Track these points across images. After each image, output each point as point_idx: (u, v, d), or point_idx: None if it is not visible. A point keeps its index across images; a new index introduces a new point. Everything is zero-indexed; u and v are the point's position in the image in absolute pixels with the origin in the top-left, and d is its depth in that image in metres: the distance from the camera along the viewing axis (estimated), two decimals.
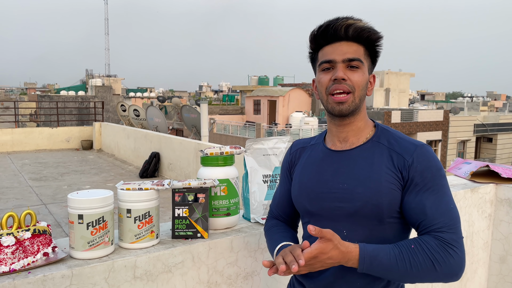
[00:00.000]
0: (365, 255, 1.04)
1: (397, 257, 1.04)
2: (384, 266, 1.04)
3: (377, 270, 1.05)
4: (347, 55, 1.14)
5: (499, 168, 2.44)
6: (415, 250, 1.05)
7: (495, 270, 2.41)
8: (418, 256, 1.04)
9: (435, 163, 1.13)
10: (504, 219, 2.35)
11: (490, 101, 58.62)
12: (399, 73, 36.25)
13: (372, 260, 1.04)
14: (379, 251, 1.05)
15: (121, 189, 1.40)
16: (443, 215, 1.08)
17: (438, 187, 1.11)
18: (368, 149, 1.18)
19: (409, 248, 1.05)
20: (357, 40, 1.15)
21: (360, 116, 1.21)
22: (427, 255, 1.04)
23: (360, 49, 1.16)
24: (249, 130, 25.88)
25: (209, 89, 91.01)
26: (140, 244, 1.38)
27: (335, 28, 1.14)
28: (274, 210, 1.40)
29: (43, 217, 5.84)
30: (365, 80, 1.17)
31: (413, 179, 1.12)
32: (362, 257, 1.04)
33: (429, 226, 1.08)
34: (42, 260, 1.22)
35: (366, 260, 1.04)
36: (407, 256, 1.04)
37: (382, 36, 1.17)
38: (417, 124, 24.48)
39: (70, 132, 12.70)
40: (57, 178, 8.53)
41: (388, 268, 1.05)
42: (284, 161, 1.39)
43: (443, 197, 1.11)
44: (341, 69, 1.15)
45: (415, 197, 1.11)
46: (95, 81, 38.55)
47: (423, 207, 1.09)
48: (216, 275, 1.50)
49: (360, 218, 1.14)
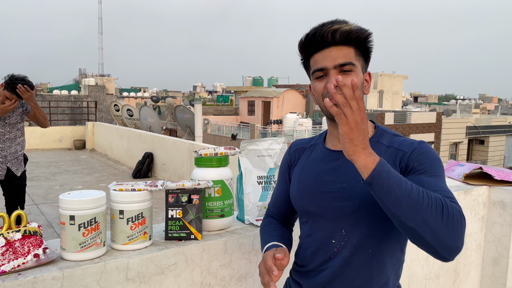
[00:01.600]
0: (385, 162, 0.97)
1: (412, 185, 0.95)
2: (399, 182, 0.94)
3: (390, 184, 0.93)
4: (338, 60, 1.14)
5: (492, 171, 2.46)
6: (430, 193, 0.96)
7: (488, 272, 2.42)
8: (429, 193, 0.95)
9: (433, 154, 1.13)
10: (497, 221, 2.36)
11: (482, 104, 59.13)
12: (393, 75, 36.44)
13: (390, 169, 0.95)
14: (396, 172, 0.97)
15: (114, 189, 1.39)
16: (443, 191, 1.02)
17: (436, 173, 1.08)
18: None
19: (422, 188, 0.97)
20: (346, 43, 1.15)
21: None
22: (437, 197, 0.95)
23: (350, 51, 1.15)
24: (243, 131, 25.87)
25: (203, 89, 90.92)
26: (132, 246, 1.36)
27: (321, 35, 1.13)
28: (270, 209, 1.43)
29: (35, 217, 5.78)
30: (359, 81, 1.17)
31: (411, 166, 1.10)
32: (383, 161, 0.96)
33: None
34: (32, 262, 1.20)
35: (385, 166, 0.95)
36: (421, 189, 0.95)
37: (370, 33, 1.16)
38: (410, 126, 24.62)
39: (62, 131, 12.60)
40: (49, 178, 8.46)
41: (400, 186, 0.93)
42: (283, 161, 1.39)
43: (441, 182, 1.07)
44: (334, 76, 1.14)
45: (412, 177, 1.07)
46: (88, 81, 38.34)
47: (420, 183, 1.03)
48: (209, 277, 1.48)
49: (359, 217, 1.14)
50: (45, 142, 12.24)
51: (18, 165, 3.72)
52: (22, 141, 3.78)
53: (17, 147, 3.70)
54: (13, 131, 3.65)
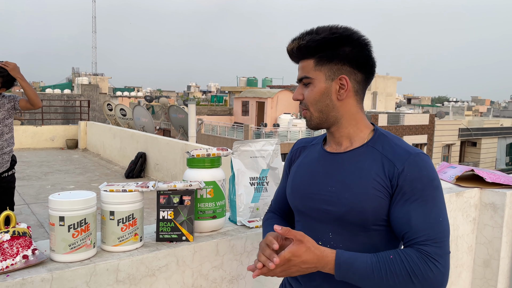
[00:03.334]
0: (340, 261, 1.03)
1: (373, 266, 1.02)
2: (360, 274, 1.02)
3: (353, 278, 1.03)
4: (299, 75, 1.21)
5: (483, 173, 2.47)
6: (393, 261, 1.02)
7: (479, 274, 2.44)
8: (395, 267, 1.01)
9: (427, 173, 1.08)
10: (488, 223, 2.38)
11: (474, 106, 59.61)
12: (386, 76, 36.63)
13: (348, 267, 1.03)
14: (355, 259, 1.03)
15: (105, 190, 1.37)
16: (429, 228, 1.04)
17: (428, 198, 1.06)
18: (361, 154, 1.16)
19: (388, 258, 1.03)
20: (308, 56, 1.18)
21: (344, 124, 1.19)
22: (405, 266, 1.01)
23: (309, 64, 1.18)
24: (237, 131, 25.85)
25: (198, 89, 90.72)
26: (123, 247, 1.35)
27: (289, 52, 1.21)
28: (273, 205, 1.44)
29: (26, 217, 5.73)
30: (316, 92, 1.17)
31: (402, 188, 1.07)
32: (338, 263, 1.03)
33: (413, 238, 1.05)
34: (21, 263, 1.19)
35: (342, 266, 1.03)
36: (384, 266, 1.02)
37: (327, 36, 1.13)
38: (403, 128, 24.75)
39: (55, 130, 12.49)
40: (41, 177, 8.39)
41: (364, 277, 1.02)
42: (287, 158, 1.40)
43: (433, 209, 1.06)
44: (297, 90, 1.23)
45: (401, 207, 1.07)
46: (81, 80, 38.10)
47: (408, 219, 1.06)
48: (200, 278, 1.47)
49: (345, 223, 1.13)
50: (37, 141, 12.13)
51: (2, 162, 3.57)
52: (9, 137, 3.68)
53: (3, 143, 3.61)
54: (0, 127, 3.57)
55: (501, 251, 2.33)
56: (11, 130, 3.70)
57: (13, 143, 3.74)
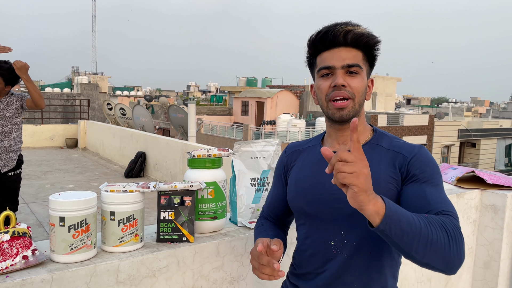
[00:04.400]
0: (390, 203, 0.94)
1: (413, 216, 0.95)
2: (408, 223, 0.93)
3: (400, 225, 0.92)
4: (346, 61, 1.14)
5: (484, 174, 2.47)
6: (428, 217, 0.98)
7: (479, 275, 2.43)
8: (432, 220, 0.97)
9: (433, 161, 1.15)
10: (488, 225, 2.37)
11: (474, 107, 59.66)
12: (386, 77, 36.63)
13: (396, 208, 0.94)
14: (398, 207, 0.95)
15: (105, 191, 1.37)
16: (445, 204, 1.06)
17: (437, 183, 1.12)
18: (367, 151, 1.18)
19: (423, 216, 0.98)
20: (355, 46, 1.16)
21: (360, 121, 1.21)
22: (442, 224, 0.97)
23: (358, 54, 1.17)
24: (237, 131, 25.84)
25: (197, 89, 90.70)
26: (123, 248, 1.34)
27: (334, 34, 1.14)
28: (265, 211, 1.43)
29: (25, 216, 5.72)
30: (364, 85, 1.18)
31: (412, 172, 1.12)
32: (388, 203, 0.93)
33: (433, 209, 1.04)
34: (21, 264, 1.18)
35: (392, 207, 0.93)
36: (422, 218, 0.96)
37: (380, 41, 1.18)
38: (403, 128, 24.75)
39: (54, 130, 12.48)
40: (40, 176, 8.38)
41: (410, 223, 0.93)
42: (279, 163, 1.39)
43: (442, 191, 1.11)
44: (340, 76, 1.14)
45: (414, 186, 1.10)
46: (81, 79, 38.10)
47: (424, 195, 1.08)
48: (201, 279, 1.47)
49: (358, 218, 1.12)
50: (37, 140, 12.12)
51: (8, 161, 3.59)
52: (17, 136, 3.68)
53: (11, 142, 3.60)
54: (8, 125, 3.55)
55: (502, 253, 2.33)
56: (19, 129, 3.69)
57: (21, 141, 3.73)
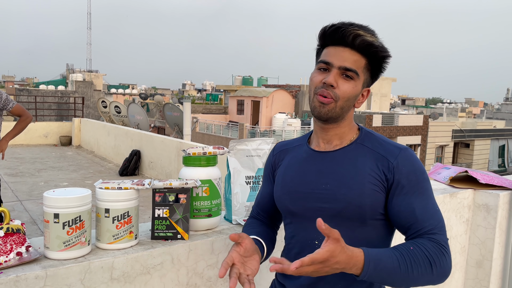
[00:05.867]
0: (370, 259, 0.97)
1: (399, 260, 1.00)
2: (388, 270, 0.99)
3: (380, 275, 0.99)
4: (345, 63, 1.13)
5: (477, 174, 2.49)
6: (414, 252, 1.02)
7: (471, 274, 2.45)
8: (418, 258, 1.01)
9: (419, 166, 1.14)
10: (481, 224, 2.39)
11: (468, 108, 60.02)
12: (381, 77, 36.65)
13: (377, 264, 0.98)
14: (382, 255, 1.00)
15: (100, 188, 1.37)
16: (431, 217, 1.09)
17: (423, 191, 1.12)
18: (352, 151, 1.18)
19: (409, 250, 1.03)
20: (361, 51, 1.14)
21: (344, 124, 1.21)
22: (426, 256, 1.02)
23: (361, 60, 1.15)
24: (232, 130, 25.83)
25: (193, 87, 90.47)
26: (118, 245, 1.34)
27: (343, 33, 1.12)
28: (254, 210, 1.43)
29: (18, 214, 5.69)
30: (354, 92, 1.16)
31: (399, 182, 1.11)
32: (367, 262, 0.97)
33: (421, 228, 1.08)
34: (15, 260, 1.18)
35: (371, 265, 0.97)
36: (408, 258, 1.01)
37: (390, 56, 1.16)
38: (398, 128, 24.85)
39: (48, 127, 12.41)
40: (34, 174, 8.33)
41: (391, 272, 0.99)
42: (267, 162, 1.39)
43: (429, 200, 1.11)
44: (333, 75, 1.13)
45: (403, 200, 1.11)
46: (75, 76, 37.86)
47: (412, 210, 1.09)
48: (195, 277, 1.47)
49: (343, 219, 1.14)
50: (30, 137, 12.05)
51: None
52: None
53: None
54: None
55: (494, 252, 2.35)
56: None
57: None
